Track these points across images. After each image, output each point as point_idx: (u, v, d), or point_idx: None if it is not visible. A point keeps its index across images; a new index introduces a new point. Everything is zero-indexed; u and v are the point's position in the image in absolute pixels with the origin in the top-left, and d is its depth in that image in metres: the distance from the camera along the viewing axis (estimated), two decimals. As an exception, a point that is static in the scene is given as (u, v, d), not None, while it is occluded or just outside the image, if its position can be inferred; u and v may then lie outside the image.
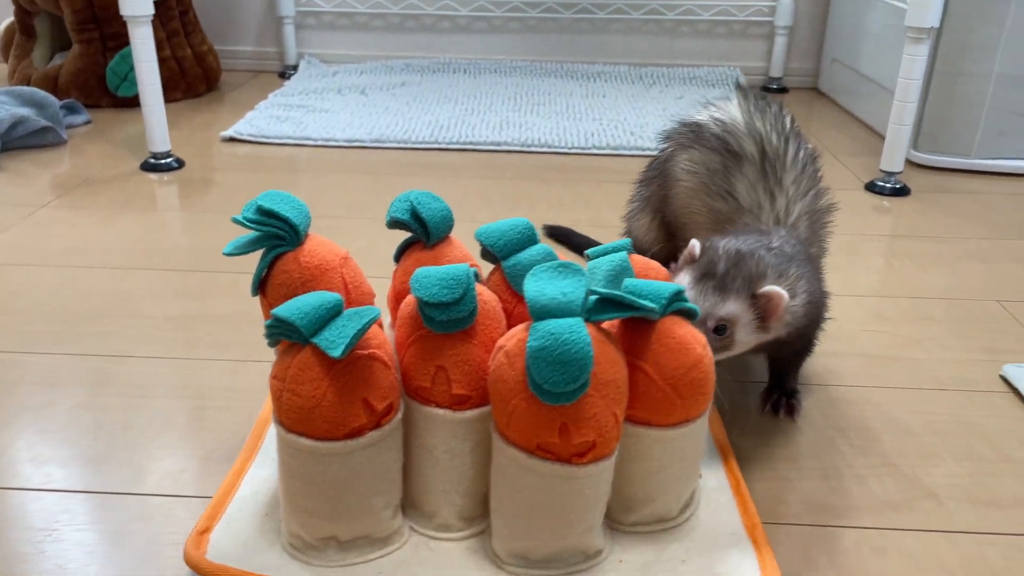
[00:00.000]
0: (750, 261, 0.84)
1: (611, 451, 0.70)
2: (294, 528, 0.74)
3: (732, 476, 0.86)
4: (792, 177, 0.99)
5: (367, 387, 0.69)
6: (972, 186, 1.90)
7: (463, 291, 0.71)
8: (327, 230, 0.85)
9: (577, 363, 0.63)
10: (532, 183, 1.84)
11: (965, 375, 1.12)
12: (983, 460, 0.95)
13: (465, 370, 0.73)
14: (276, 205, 0.78)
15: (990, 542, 0.83)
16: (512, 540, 0.73)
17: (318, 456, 0.69)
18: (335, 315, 0.69)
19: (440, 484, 0.76)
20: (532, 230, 0.82)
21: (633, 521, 0.78)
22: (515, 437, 0.69)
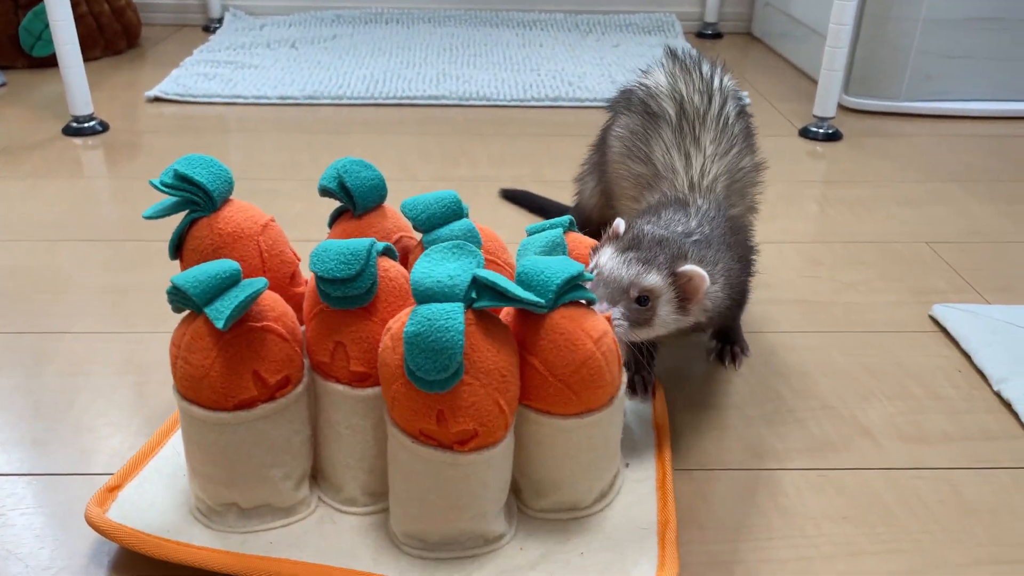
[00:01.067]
0: (673, 244, 0.84)
1: (497, 439, 0.68)
2: (197, 492, 0.74)
3: (660, 468, 0.83)
4: (711, 136, 0.98)
5: (258, 359, 0.68)
6: (901, 129, 1.95)
7: (360, 267, 0.69)
8: (261, 194, 0.84)
9: (447, 352, 0.62)
10: (472, 138, 1.82)
11: (897, 317, 1.17)
12: (914, 399, 1.00)
13: (364, 347, 0.71)
14: (192, 170, 0.76)
15: (921, 476, 0.87)
16: (406, 522, 0.72)
17: (209, 425, 0.69)
18: (231, 285, 0.68)
19: (344, 459, 0.76)
20: (458, 204, 0.80)
21: (543, 507, 0.77)
22: (399, 420, 0.68)
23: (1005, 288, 1.25)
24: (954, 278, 1.28)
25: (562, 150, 1.75)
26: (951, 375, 1.04)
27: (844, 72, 1.88)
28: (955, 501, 0.84)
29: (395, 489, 0.72)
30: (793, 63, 2.39)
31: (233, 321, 0.66)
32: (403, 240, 0.84)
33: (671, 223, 0.89)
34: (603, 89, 2.07)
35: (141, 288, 1.20)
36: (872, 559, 0.77)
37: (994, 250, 1.37)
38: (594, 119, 1.97)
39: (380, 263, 0.72)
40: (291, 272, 0.81)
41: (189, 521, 0.74)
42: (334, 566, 0.71)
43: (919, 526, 0.81)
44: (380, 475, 0.76)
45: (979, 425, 0.95)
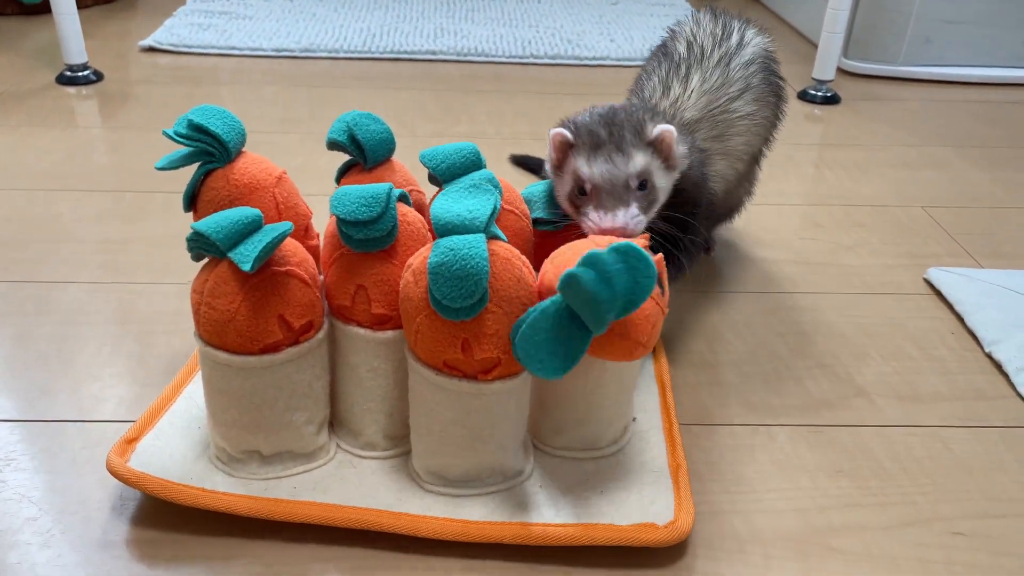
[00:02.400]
0: (623, 115, 0.83)
1: (519, 369, 0.70)
2: (218, 440, 0.76)
3: (666, 418, 0.86)
4: (702, 75, 0.97)
5: (283, 303, 0.69)
6: (899, 93, 1.95)
7: (381, 209, 0.70)
8: (259, 147, 0.83)
9: (472, 278, 0.64)
10: (470, 95, 1.81)
11: (893, 279, 1.19)
12: (909, 359, 1.02)
13: (385, 290, 0.73)
14: (207, 120, 0.76)
15: (914, 433, 0.90)
16: (428, 457, 0.74)
17: (234, 369, 0.70)
18: (253, 230, 0.68)
19: (364, 403, 0.77)
20: (477, 155, 0.81)
21: (562, 444, 0.80)
22: (423, 354, 0.70)
23: (998, 253, 1.26)
24: (949, 242, 1.30)
25: (561, 108, 1.74)
26: (945, 337, 1.06)
27: (844, 35, 1.88)
28: (946, 457, 0.86)
29: (417, 424, 0.74)
30: (792, 25, 2.38)
31: (260, 263, 0.66)
32: (413, 194, 0.84)
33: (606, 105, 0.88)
34: (602, 48, 2.06)
35: (140, 239, 1.20)
36: (865, 511, 0.79)
37: (988, 215, 1.39)
38: (593, 78, 1.97)
39: (398, 208, 0.74)
40: (305, 225, 0.82)
41: (210, 470, 0.76)
42: (358, 506, 0.73)
43: (911, 481, 0.83)
44: (400, 418, 0.78)
45: (971, 385, 0.97)
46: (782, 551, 0.74)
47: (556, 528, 0.71)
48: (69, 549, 0.71)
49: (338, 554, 0.71)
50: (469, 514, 0.73)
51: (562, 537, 0.70)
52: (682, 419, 0.89)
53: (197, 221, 0.75)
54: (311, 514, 0.71)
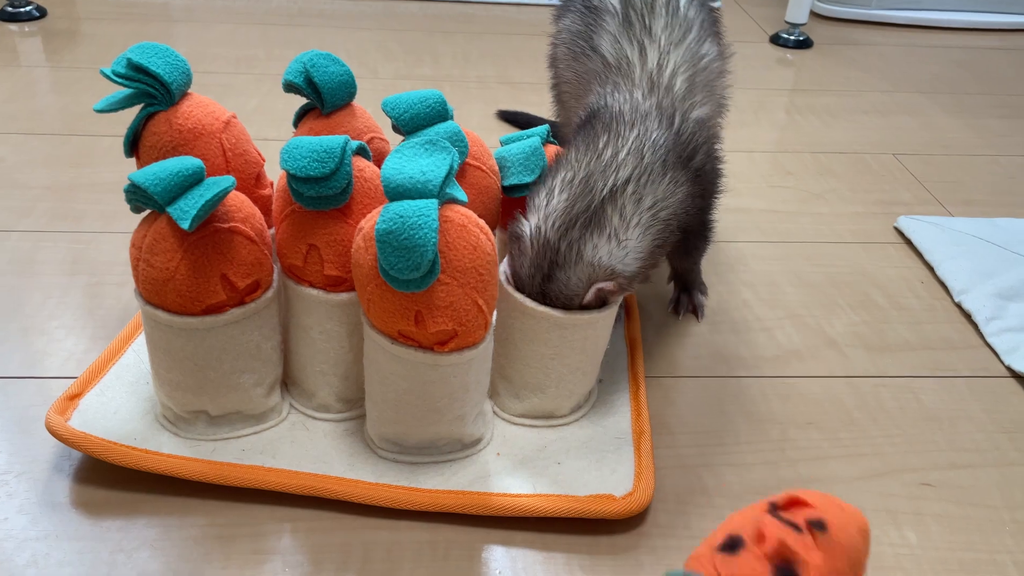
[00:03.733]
0: (563, 270, 0.71)
1: (477, 340, 0.66)
2: (164, 400, 0.72)
3: (633, 380, 0.83)
4: (663, 23, 0.88)
5: (226, 262, 0.65)
6: (871, 38, 1.93)
7: (335, 165, 0.65)
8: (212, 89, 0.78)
9: (419, 249, 0.59)
10: (435, 35, 1.75)
11: (863, 227, 1.17)
12: (878, 309, 1.01)
13: (339, 250, 0.69)
14: (148, 59, 0.70)
15: (883, 384, 0.89)
16: (383, 425, 0.71)
17: (175, 330, 0.66)
18: (194, 183, 0.64)
19: (317, 365, 0.74)
20: (443, 104, 0.76)
21: (521, 412, 0.77)
22: (376, 322, 0.66)
23: (969, 201, 1.26)
24: (919, 190, 1.28)
25: (528, 49, 1.70)
26: (914, 286, 1.06)
27: (817, -24, 1.84)
28: (915, 408, 0.86)
29: (372, 392, 0.71)
30: (764, -34, 2.33)
31: (199, 222, 0.62)
32: (375, 141, 0.80)
33: (592, 177, 0.75)
34: (571, -13, 2.00)
35: (89, 185, 1.14)
36: (835, 463, 0.79)
37: (959, 163, 1.38)
38: (561, 19, 1.92)
39: (354, 162, 0.69)
40: (256, 173, 0.77)
41: (156, 429, 0.72)
42: (308, 472, 0.70)
43: (880, 432, 0.83)
44: (355, 381, 0.74)
45: (939, 335, 0.97)
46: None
47: (512, 499, 0.69)
48: (15, 512, 0.68)
49: (295, 514, 0.69)
50: (424, 482, 0.70)
51: (518, 508, 0.68)
52: (651, 371, 0.88)
53: (138, 168, 0.71)
54: (260, 479, 0.69)
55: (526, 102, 1.42)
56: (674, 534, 0.70)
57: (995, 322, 0.97)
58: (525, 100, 1.44)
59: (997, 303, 0.99)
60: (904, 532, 0.72)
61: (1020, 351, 0.93)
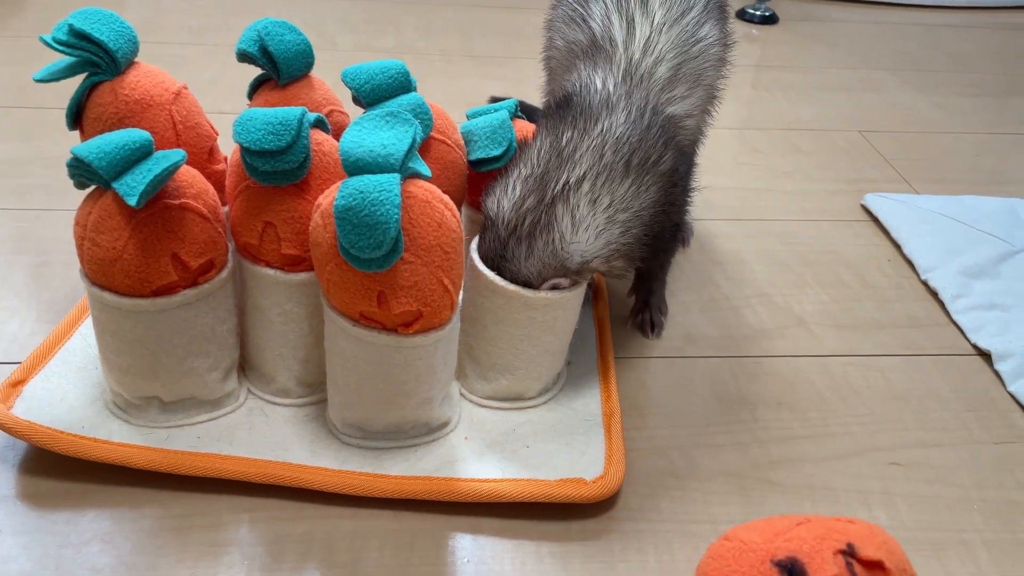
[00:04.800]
0: (536, 252, 0.69)
1: (443, 320, 0.64)
2: (113, 385, 0.69)
3: (603, 363, 0.82)
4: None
5: (177, 241, 0.62)
6: (836, 14, 1.92)
7: (292, 138, 0.62)
8: (165, 59, 0.74)
9: (381, 226, 0.56)
10: (397, 5, 1.70)
11: (831, 205, 1.17)
12: (846, 287, 1.01)
13: (296, 228, 0.65)
14: (90, 26, 0.66)
15: (852, 363, 0.89)
16: (345, 409, 0.68)
17: (124, 312, 0.63)
18: (142, 157, 0.60)
19: (276, 348, 0.71)
20: (406, 75, 0.73)
21: (489, 394, 0.75)
22: (337, 304, 0.63)
23: (935, 179, 1.26)
24: (885, 168, 1.28)
25: (493, 22, 1.66)
26: (881, 264, 1.05)
27: (784, -49, 1.83)
28: (883, 387, 0.86)
29: (334, 376, 0.68)
30: (731, -60, 2.31)
31: (148, 198, 0.58)
32: (334, 114, 0.76)
33: (548, 175, 0.71)
34: (536, -41, 1.96)
35: (36, 159, 1.09)
36: (805, 443, 0.78)
37: (924, 140, 1.38)
38: (528, -10, 1.87)
39: (312, 135, 0.66)
40: (209, 147, 0.73)
41: (106, 416, 0.69)
42: (267, 459, 0.67)
43: (849, 411, 0.82)
44: (316, 365, 0.71)
45: (907, 313, 0.97)
46: (723, 486, 0.72)
47: (480, 484, 0.67)
48: (-45, 505, 0.65)
49: (253, 504, 0.66)
50: (389, 468, 0.68)
51: (486, 493, 0.66)
52: (621, 353, 0.86)
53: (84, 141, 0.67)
54: (216, 467, 0.66)
55: (491, 75, 1.39)
56: (645, 517, 0.69)
57: (961, 300, 0.97)
58: (490, 75, 1.40)
59: (963, 281, 0.99)
60: (874, 512, 0.71)
61: (986, 329, 0.93)
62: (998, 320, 0.94)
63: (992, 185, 1.25)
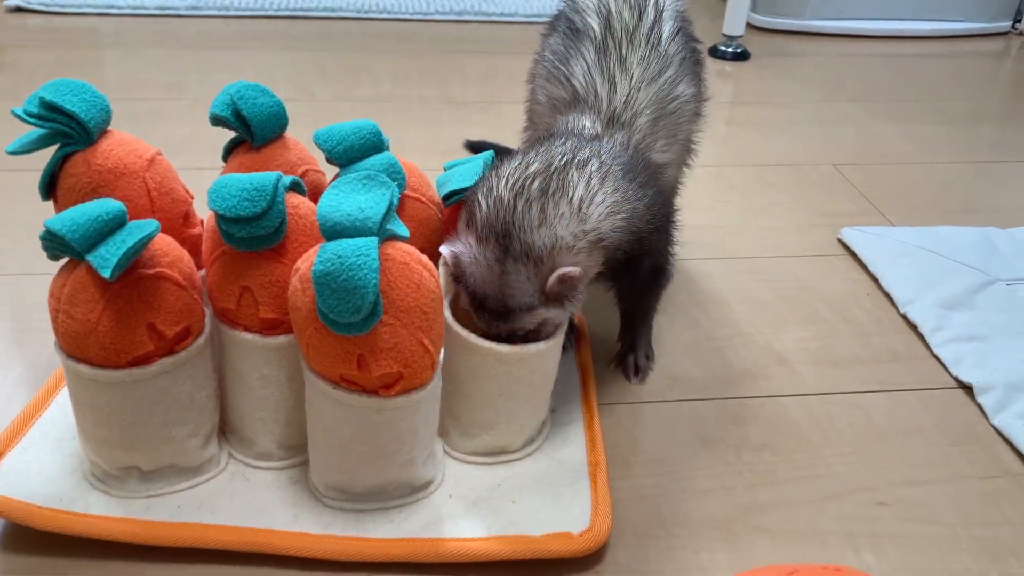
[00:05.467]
0: (530, 254, 0.67)
1: (424, 381, 0.64)
2: (91, 456, 0.68)
3: (587, 409, 0.82)
4: (639, 56, 0.85)
5: (153, 310, 0.61)
6: (807, 48, 1.95)
7: (267, 203, 0.62)
8: (143, 116, 0.74)
9: (360, 291, 0.56)
10: (373, 55, 1.72)
11: (808, 240, 1.18)
12: (826, 323, 1.01)
13: (274, 292, 0.65)
14: (62, 98, 0.66)
15: (834, 401, 0.89)
16: (328, 473, 0.68)
17: (99, 384, 0.62)
18: (116, 228, 0.60)
19: (256, 412, 0.70)
20: (378, 135, 0.74)
21: (472, 450, 0.74)
22: (317, 367, 0.63)
23: (909, 209, 1.27)
24: (860, 200, 1.30)
25: (470, 68, 1.68)
26: (860, 298, 1.06)
27: (752, -11, 1.86)
28: (866, 424, 0.86)
29: (315, 439, 0.68)
30: (700, -22, 2.35)
31: (121, 270, 0.58)
32: (310, 174, 0.77)
33: (551, 153, 0.72)
34: (510, 3, 1.99)
35: (12, 223, 1.09)
36: (791, 486, 0.78)
37: (898, 172, 1.40)
38: (503, 35, 1.90)
39: (288, 199, 0.66)
40: (184, 211, 0.74)
41: (84, 488, 0.68)
42: (250, 527, 0.66)
43: (834, 451, 0.82)
44: (297, 427, 0.71)
45: (887, 347, 0.97)
46: (710, 534, 0.72)
47: (465, 543, 0.66)
48: (-70, 586, 0.63)
49: (238, 572, 0.65)
50: (373, 531, 0.67)
51: (472, 553, 0.66)
52: (604, 399, 0.86)
53: (56, 212, 0.67)
54: (198, 537, 0.65)
55: (468, 120, 1.41)
56: (634, 569, 0.68)
57: (940, 333, 0.98)
58: (468, 120, 1.42)
59: (941, 313, 1.00)
60: (863, 556, 0.71)
61: (966, 361, 0.93)
62: (977, 352, 0.94)
63: (964, 214, 1.27)
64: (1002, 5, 2.09)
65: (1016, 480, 0.80)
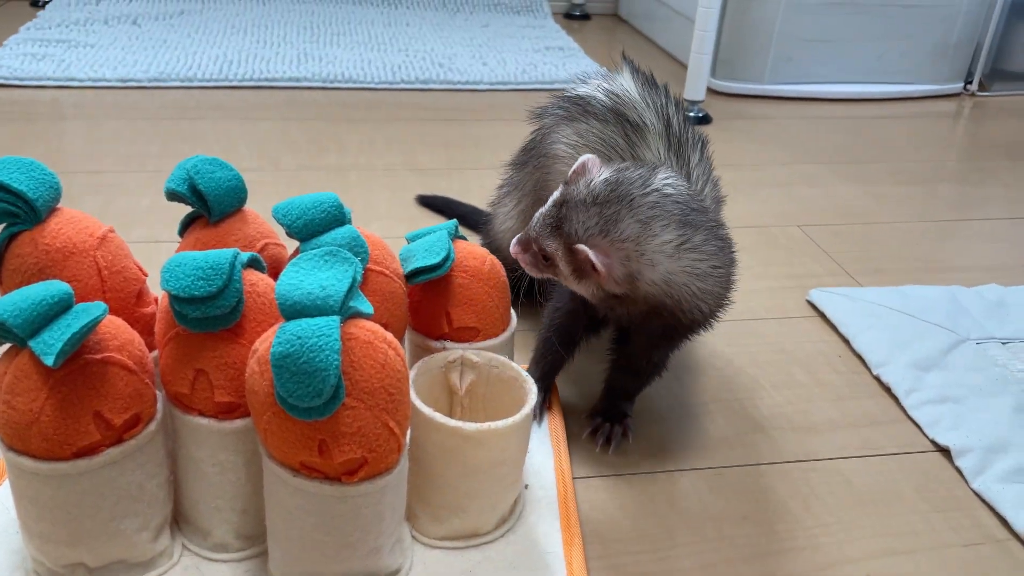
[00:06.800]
0: (608, 208, 0.74)
1: (389, 465, 0.61)
2: (34, 553, 0.64)
3: (561, 483, 0.79)
4: (697, 159, 0.89)
5: (100, 398, 0.58)
6: (767, 111, 1.99)
7: (223, 283, 0.60)
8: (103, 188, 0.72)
9: (320, 374, 0.54)
10: (339, 123, 1.72)
11: (778, 303, 1.17)
12: (800, 387, 1.00)
13: (230, 374, 0.62)
14: (8, 176, 0.64)
15: (813, 468, 0.87)
16: (287, 565, 0.64)
17: (42, 477, 0.58)
18: (61, 311, 0.57)
19: (211, 500, 0.67)
20: (339, 208, 0.72)
21: (442, 535, 0.71)
22: (276, 453, 0.60)
23: (876, 270, 1.28)
24: (827, 261, 1.30)
25: (436, 135, 1.68)
26: (832, 360, 1.05)
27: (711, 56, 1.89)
28: (847, 492, 0.84)
29: (274, 528, 0.64)
30: (660, 45, 2.40)
31: (66, 356, 0.55)
32: (270, 248, 0.74)
33: (659, 179, 0.77)
34: (474, 71, 2.01)
35: (-40, 303, 1.04)
36: (774, 560, 0.75)
37: (862, 231, 1.41)
38: (467, 103, 1.92)
39: (246, 276, 0.63)
40: (136, 290, 0.70)
41: None
42: None
43: (816, 521, 0.80)
44: (255, 515, 0.67)
45: (862, 411, 0.96)
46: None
47: None
48: None
49: (193, 678, 0.61)
50: None
51: None
52: (579, 472, 0.83)
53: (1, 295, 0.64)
54: None
55: (435, 187, 1.40)
56: (614, 659, 0.65)
57: (915, 394, 0.97)
58: (434, 186, 1.41)
59: (915, 374, 0.99)
60: (851, 634, 0.68)
61: (942, 423, 0.92)
62: (952, 413, 0.93)
63: (929, 272, 1.28)
64: (954, 67, 2.15)
65: (1000, 546, 0.78)
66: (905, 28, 2.06)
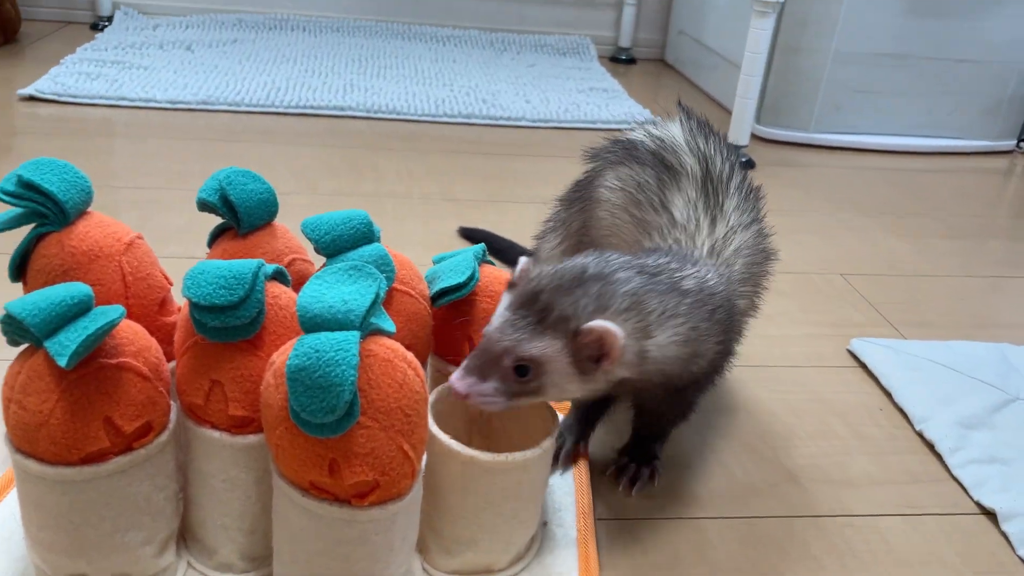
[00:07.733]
0: (591, 286, 0.67)
1: (402, 491, 0.58)
2: (37, 562, 0.62)
3: (582, 522, 0.76)
4: (734, 204, 0.86)
5: (111, 403, 0.57)
6: (811, 159, 1.96)
7: (244, 293, 0.58)
8: (142, 204, 0.72)
9: (335, 389, 0.52)
10: (379, 152, 1.73)
11: (816, 351, 1.13)
12: (837, 438, 0.96)
13: (246, 387, 0.61)
14: (40, 176, 0.64)
15: (850, 524, 0.83)
16: None
17: (48, 483, 0.57)
18: (80, 314, 0.56)
19: (219, 518, 0.65)
20: (369, 225, 0.71)
21: (454, 569, 0.69)
22: (286, 471, 0.58)
23: (921, 323, 1.23)
24: (869, 311, 1.26)
25: (475, 168, 1.68)
26: (873, 413, 1.01)
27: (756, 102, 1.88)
28: (884, 551, 0.79)
29: (280, 551, 0.62)
30: (705, 91, 2.39)
31: (80, 358, 0.54)
32: (297, 263, 0.73)
33: (632, 259, 0.73)
34: (518, 108, 2.01)
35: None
36: (804, 619, 0.71)
37: (907, 284, 1.37)
38: (508, 138, 1.92)
39: (269, 289, 0.62)
40: (160, 298, 0.70)
41: None
42: None
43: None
44: (262, 537, 0.65)
45: (903, 467, 0.92)
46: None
47: None
48: None
49: None
50: None
51: None
52: (600, 513, 0.80)
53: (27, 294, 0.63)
54: None
55: (470, 218, 1.39)
56: None
57: (959, 453, 0.92)
58: (469, 217, 1.40)
59: (960, 432, 0.95)
60: None
61: (988, 484, 0.87)
62: (1000, 475, 0.89)
63: (976, 329, 1.23)
64: (1007, 125, 2.11)
65: (1051, 620, 0.73)
66: (956, 83, 2.02)
